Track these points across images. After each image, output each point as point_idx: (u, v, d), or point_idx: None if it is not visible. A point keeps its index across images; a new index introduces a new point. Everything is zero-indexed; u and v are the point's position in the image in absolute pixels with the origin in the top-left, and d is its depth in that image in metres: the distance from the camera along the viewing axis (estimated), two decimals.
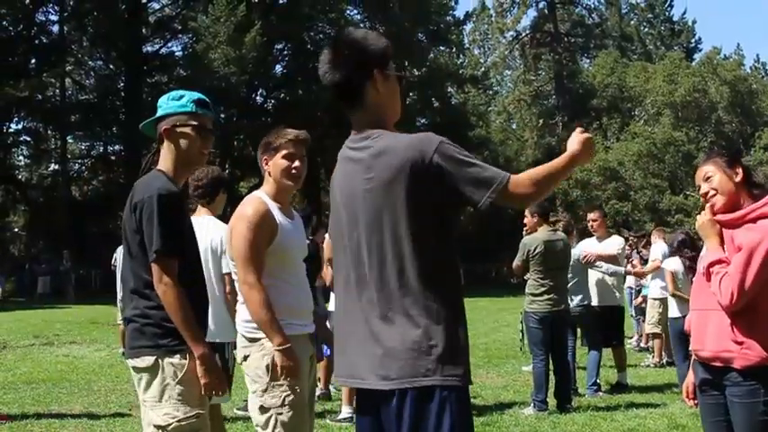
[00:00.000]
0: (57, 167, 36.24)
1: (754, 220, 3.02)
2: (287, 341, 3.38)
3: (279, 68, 35.82)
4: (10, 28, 32.01)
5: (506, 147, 43.71)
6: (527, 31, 45.37)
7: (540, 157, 34.96)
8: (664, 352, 9.85)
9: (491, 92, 48.31)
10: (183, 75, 30.79)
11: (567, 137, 2.47)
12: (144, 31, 34.15)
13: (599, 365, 8.09)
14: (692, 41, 52.88)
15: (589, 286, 8.17)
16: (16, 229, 38.63)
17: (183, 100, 3.16)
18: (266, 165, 3.67)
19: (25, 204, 35.82)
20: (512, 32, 45.62)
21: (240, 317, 3.61)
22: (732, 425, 3.05)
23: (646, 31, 53.35)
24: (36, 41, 32.49)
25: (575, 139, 2.43)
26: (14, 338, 13.07)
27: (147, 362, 3.00)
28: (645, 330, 10.88)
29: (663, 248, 9.44)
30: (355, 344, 2.33)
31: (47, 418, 6.77)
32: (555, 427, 6.40)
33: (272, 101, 36.72)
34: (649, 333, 10.36)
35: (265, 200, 3.61)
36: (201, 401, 3.04)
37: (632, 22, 53.52)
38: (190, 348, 2.96)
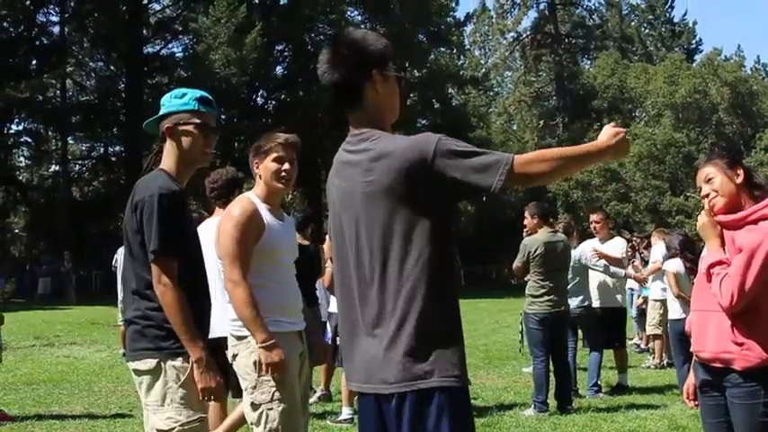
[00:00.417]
0: (57, 168, 36.25)
1: (755, 221, 3.03)
2: (270, 338, 3.41)
3: (279, 69, 35.87)
4: (11, 29, 32.02)
5: (507, 148, 43.49)
6: (528, 33, 45.35)
7: None
8: (664, 353, 9.83)
9: (492, 93, 48.38)
10: (184, 76, 30.77)
11: (568, 138, 2.43)
12: (145, 32, 34.16)
13: (600, 367, 8.09)
14: (693, 43, 52.91)
15: (591, 288, 8.16)
16: (17, 230, 38.62)
17: (186, 98, 3.12)
18: (257, 168, 3.76)
19: (26, 205, 35.82)
20: (512, 33, 45.63)
21: (228, 315, 3.65)
22: (732, 426, 3.05)
23: (646, 32, 53.38)
24: (37, 42, 32.46)
25: (609, 132, 2.34)
26: (15, 339, 13.06)
27: (149, 364, 2.94)
28: (646, 332, 10.86)
29: (663, 250, 9.39)
30: (358, 347, 2.33)
31: (47, 419, 6.77)
32: (555, 429, 6.40)
33: (273, 102, 36.73)
34: (650, 334, 10.34)
35: (254, 200, 3.69)
36: (203, 404, 3.00)
37: (633, 23, 53.57)
38: None
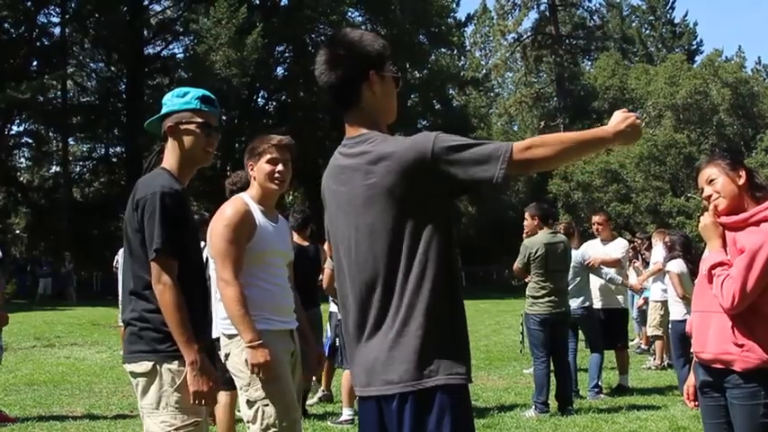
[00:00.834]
0: (58, 169, 36.31)
1: (757, 222, 3.03)
2: (257, 338, 3.41)
3: (280, 70, 35.94)
4: (11, 30, 32.09)
5: None
6: (528, 34, 45.39)
7: None
8: (665, 354, 9.83)
9: (492, 94, 48.38)
10: (185, 77, 30.80)
11: None
12: (145, 33, 34.23)
13: (601, 368, 8.08)
14: (694, 43, 52.94)
15: (592, 289, 8.15)
16: (18, 231, 38.66)
17: (188, 97, 3.10)
18: (251, 170, 3.77)
19: (27, 206, 35.87)
20: (513, 34, 45.66)
21: (219, 315, 3.66)
22: (732, 427, 3.05)
23: (647, 33, 53.43)
24: (37, 43, 32.50)
25: (619, 117, 2.31)
26: (16, 340, 13.06)
27: (145, 367, 2.91)
28: (646, 332, 10.85)
29: (663, 251, 9.38)
30: (360, 351, 2.32)
31: (48, 419, 6.77)
32: (556, 429, 6.40)
33: (274, 103, 36.80)
34: (650, 335, 10.33)
35: (247, 201, 3.70)
36: (199, 408, 2.96)
37: (633, 24, 53.62)
38: None
